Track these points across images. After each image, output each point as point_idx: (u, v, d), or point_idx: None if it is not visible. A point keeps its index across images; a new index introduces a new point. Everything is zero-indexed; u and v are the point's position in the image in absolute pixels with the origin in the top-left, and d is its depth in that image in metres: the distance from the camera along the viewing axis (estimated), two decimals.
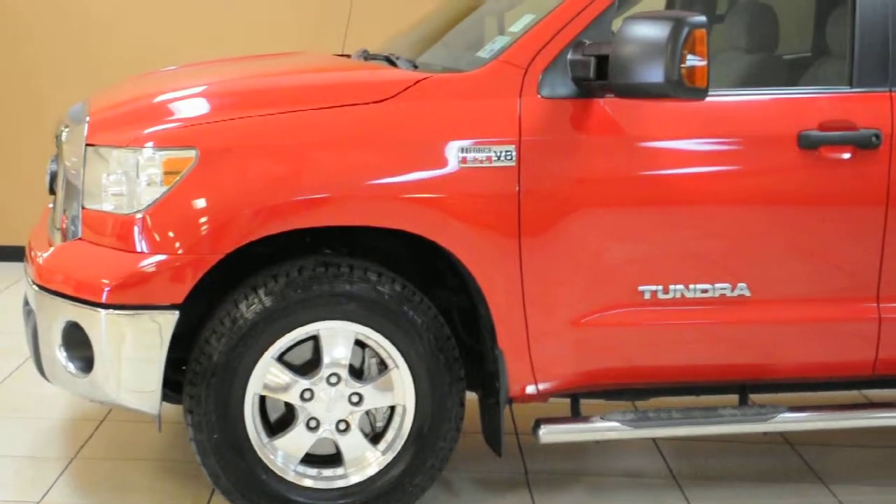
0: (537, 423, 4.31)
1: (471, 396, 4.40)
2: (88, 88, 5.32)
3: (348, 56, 5.12)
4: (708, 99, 4.13)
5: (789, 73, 5.06)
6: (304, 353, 4.15)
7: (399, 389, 4.18)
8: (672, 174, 4.22)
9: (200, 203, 3.95)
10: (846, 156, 4.29)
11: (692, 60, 3.90)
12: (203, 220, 3.95)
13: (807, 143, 4.26)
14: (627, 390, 4.51)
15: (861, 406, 4.73)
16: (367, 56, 4.86)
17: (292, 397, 4.13)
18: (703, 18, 3.93)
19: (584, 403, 4.48)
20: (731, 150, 4.28)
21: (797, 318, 4.38)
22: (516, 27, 4.32)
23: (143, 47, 7.78)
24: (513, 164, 4.06)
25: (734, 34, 5.12)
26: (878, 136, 4.29)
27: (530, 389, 4.27)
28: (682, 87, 3.91)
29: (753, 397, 4.87)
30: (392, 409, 4.23)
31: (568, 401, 4.47)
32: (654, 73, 3.90)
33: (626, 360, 4.33)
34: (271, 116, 4.04)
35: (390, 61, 4.58)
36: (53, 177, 4.57)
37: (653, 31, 3.91)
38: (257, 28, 7.79)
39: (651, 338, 4.32)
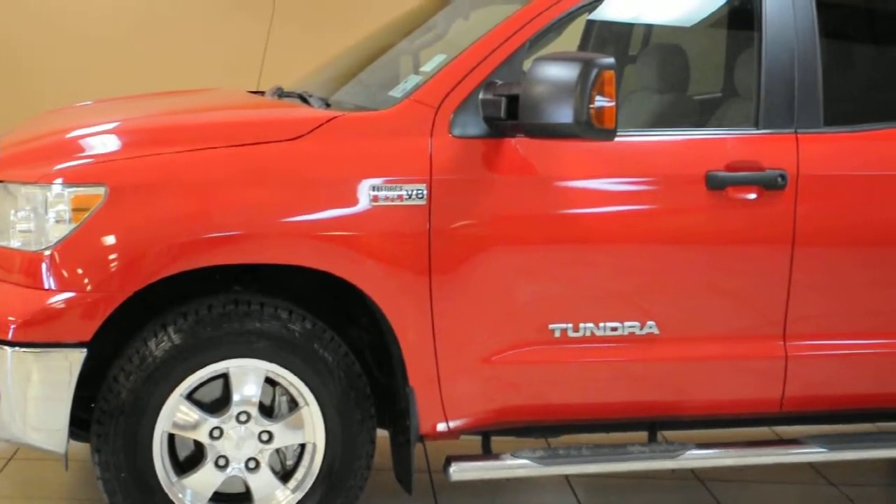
0: (448, 461, 4.32)
1: (382, 434, 4.40)
2: None
3: (262, 93, 5.12)
4: (618, 139, 4.18)
5: (700, 113, 5.12)
6: (214, 391, 4.13)
7: (309, 427, 4.17)
8: (582, 213, 4.26)
9: (109, 240, 3.92)
10: (752, 196, 4.35)
11: (601, 101, 3.95)
12: (112, 257, 3.92)
13: (714, 184, 4.31)
14: (538, 427, 4.53)
15: (769, 443, 4.77)
16: (281, 94, 4.87)
17: (201, 435, 4.10)
18: (611, 60, 3.98)
19: (496, 440, 4.50)
20: (640, 189, 4.34)
21: (705, 356, 4.43)
22: (428, 67, 4.36)
23: (52, 86, 7.71)
24: (424, 202, 4.08)
25: (646, 75, 5.18)
26: (783, 177, 4.36)
27: (441, 427, 4.28)
28: (591, 127, 3.96)
29: (666, 434, 4.92)
30: (302, 446, 4.21)
31: (480, 438, 4.49)
32: (564, 114, 3.94)
33: (536, 397, 4.36)
34: (182, 154, 4.03)
35: (303, 99, 4.59)
36: None
37: (562, 72, 3.95)
38: (173, 63, 7.77)
39: (561, 375, 4.35)
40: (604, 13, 4.94)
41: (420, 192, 4.08)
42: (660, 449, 4.51)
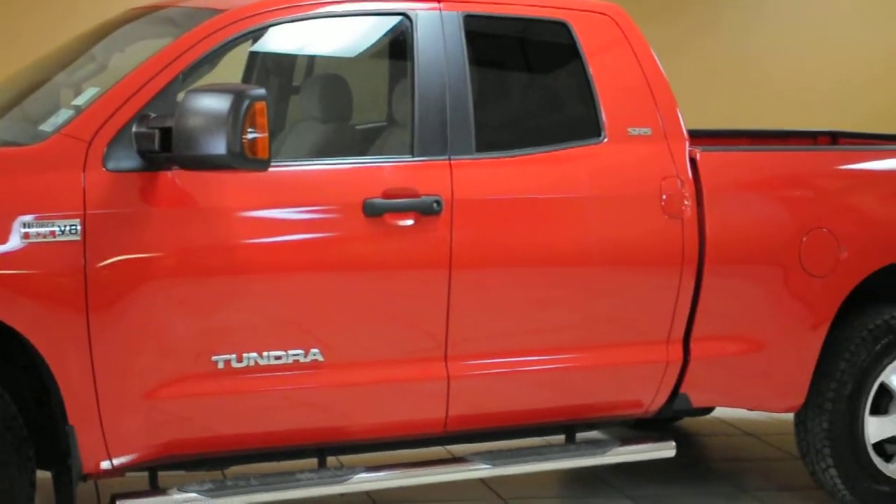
0: (113, 500, 4.26)
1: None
2: None
3: None
4: (277, 169, 4.26)
5: (362, 142, 5.21)
6: None
7: None
8: (242, 244, 4.27)
9: None
10: (410, 222, 4.46)
11: (253, 132, 3.99)
12: None
13: (371, 211, 4.40)
14: (208, 460, 4.52)
15: (436, 462, 4.89)
16: None
17: None
18: (262, 91, 4.02)
19: (171, 475, 4.46)
20: (299, 218, 4.38)
21: (370, 380, 4.50)
22: (80, 100, 4.31)
23: None
24: (78, 238, 4.02)
25: (309, 105, 5.23)
26: (439, 203, 4.48)
27: (105, 465, 4.21)
28: (244, 158, 4.00)
29: (342, 458, 4.98)
30: None
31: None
32: (217, 145, 3.97)
33: (204, 429, 4.35)
34: None
35: None
36: None
37: (213, 104, 3.97)
38: None
39: (227, 406, 4.35)
40: (263, 45, 4.98)
41: (73, 227, 4.02)
42: (328, 474, 4.56)
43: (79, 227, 4.03)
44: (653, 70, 4.95)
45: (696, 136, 5.32)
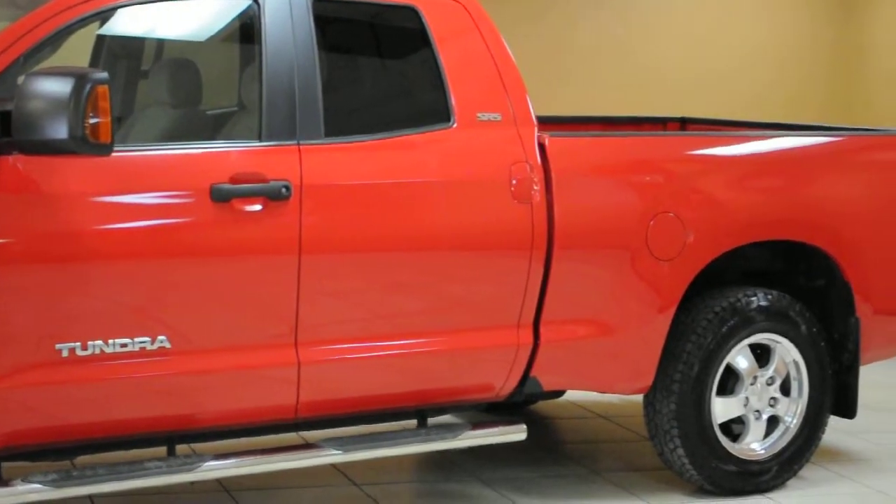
0: None
1: None
2: None
3: None
4: (124, 154, 4.23)
5: (211, 127, 5.15)
6: None
7: None
8: (86, 230, 4.22)
9: None
10: (258, 207, 4.43)
11: (95, 116, 3.93)
12: None
13: (219, 196, 4.36)
14: (54, 450, 4.44)
15: (286, 448, 4.86)
16: None
17: None
18: (104, 75, 3.97)
19: (15, 466, 4.38)
20: (145, 204, 4.33)
21: (219, 367, 4.47)
22: None
23: None
24: None
25: (158, 90, 5.16)
26: (287, 188, 4.46)
27: None
28: (86, 143, 3.95)
29: (194, 446, 4.93)
30: None
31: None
32: (58, 130, 3.91)
33: (48, 419, 4.28)
34: None
35: None
36: None
37: (54, 87, 3.92)
38: None
39: (73, 395, 4.29)
40: (110, 27, 4.91)
41: None
42: (177, 462, 4.51)
43: None
44: (502, 56, 4.98)
45: (548, 122, 5.36)
